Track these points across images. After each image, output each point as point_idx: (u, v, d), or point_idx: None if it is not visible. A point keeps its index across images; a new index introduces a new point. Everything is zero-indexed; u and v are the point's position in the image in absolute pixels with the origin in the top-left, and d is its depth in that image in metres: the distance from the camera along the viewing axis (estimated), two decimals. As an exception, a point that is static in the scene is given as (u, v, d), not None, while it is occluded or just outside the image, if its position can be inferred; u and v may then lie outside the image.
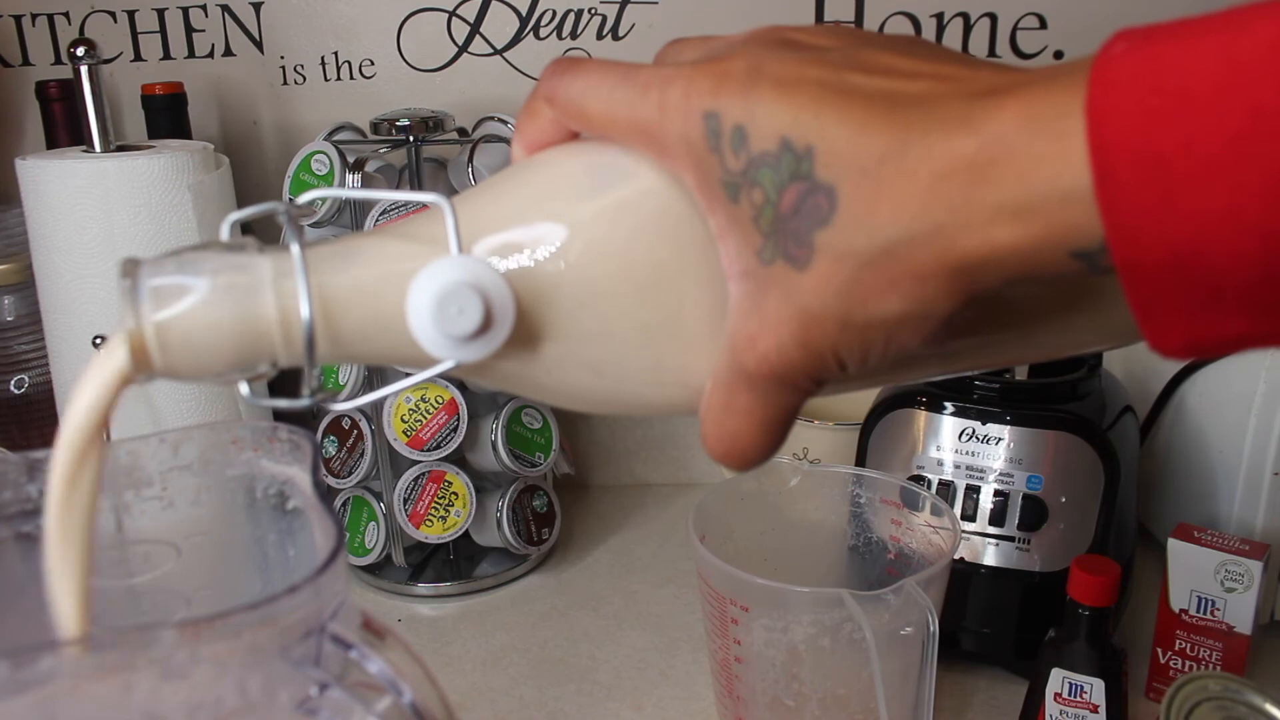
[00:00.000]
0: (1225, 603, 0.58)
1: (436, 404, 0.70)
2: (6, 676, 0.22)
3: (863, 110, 0.24)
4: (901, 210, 0.23)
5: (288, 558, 0.34)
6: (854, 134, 0.24)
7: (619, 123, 0.27)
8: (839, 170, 0.24)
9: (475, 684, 0.64)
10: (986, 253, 0.22)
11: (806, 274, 0.25)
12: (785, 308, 0.25)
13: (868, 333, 0.25)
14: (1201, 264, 0.21)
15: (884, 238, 0.23)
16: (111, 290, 0.64)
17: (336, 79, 0.85)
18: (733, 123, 0.25)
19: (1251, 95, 0.19)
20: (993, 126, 0.22)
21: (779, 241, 0.25)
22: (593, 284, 0.27)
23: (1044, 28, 0.84)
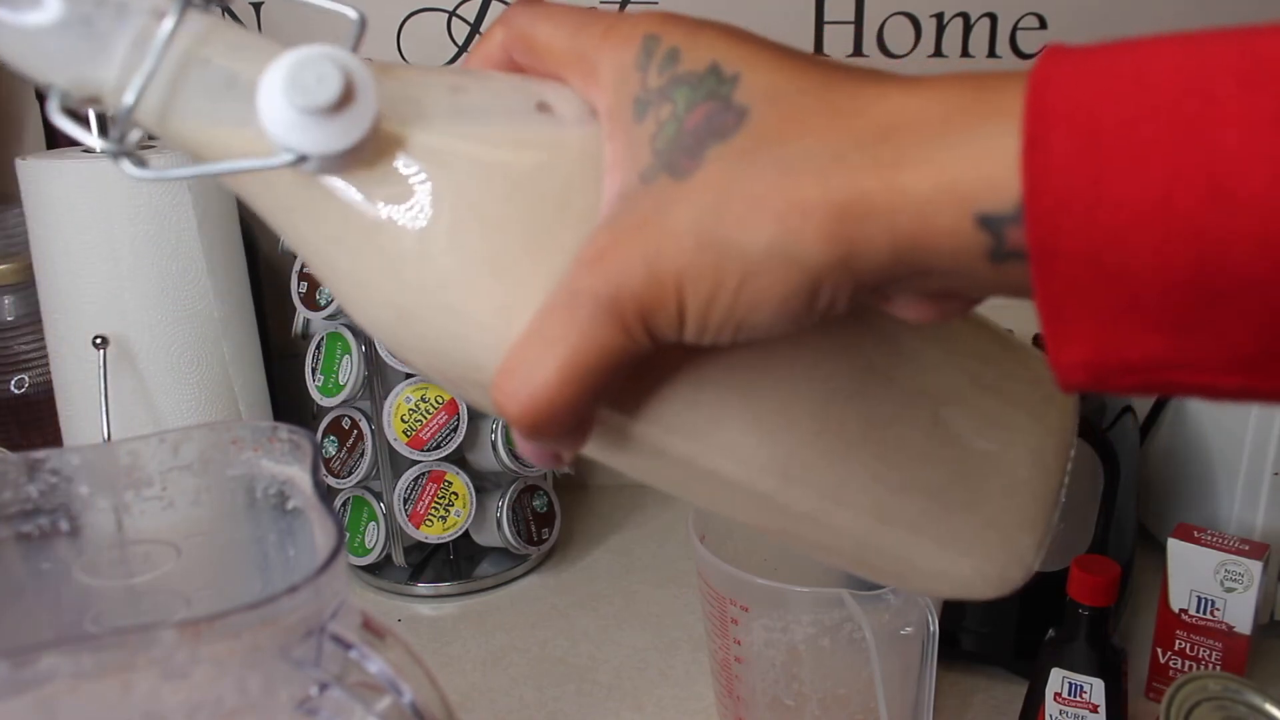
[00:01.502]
0: (1225, 603, 0.58)
1: (436, 404, 0.70)
2: (6, 676, 0.22)
3: (800, 62, 0.24)
4: (806, 133, 0.22)
5: (288, 558, 0.34)
6: (784, 72, 0.23)
7: (555, 51, 0.26)
8: (757, 95, 0.23)
9: (475, 684, 0.64)
10: (882, 198, 0.20)
11: (685, 183, 0.22)
12: (646, 220, 0.23)
13: (724, 263, 0.22)
14: (1123, 261, 0.19)
15: (779, 155, 0.22)
16: (110, 289, 0.65)
17: (336, 79, 0.85)
18: (670, 44, 0.24)
19: (1205, 84, 0.18)
20: (930, 88, 0.21)
21: (668, 158, 0.23)
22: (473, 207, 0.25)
23: (1044, 28, 0.84)
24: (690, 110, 0.23)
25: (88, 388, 0.65)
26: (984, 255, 0.20)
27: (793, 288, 0.22)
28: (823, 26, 0.83)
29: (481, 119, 0.26)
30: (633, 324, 0.23)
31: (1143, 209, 0.19)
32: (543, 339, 0.24)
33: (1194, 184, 0.18)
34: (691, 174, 0.22)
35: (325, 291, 0.70)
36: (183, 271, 0.66)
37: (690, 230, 0.22)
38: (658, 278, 0.22)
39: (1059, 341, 0.20)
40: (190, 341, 0.67)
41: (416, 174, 0.25)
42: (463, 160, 0.25)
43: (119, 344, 0.65)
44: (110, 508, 0.33)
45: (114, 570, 0.33)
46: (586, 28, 0.26)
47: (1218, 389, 0.20)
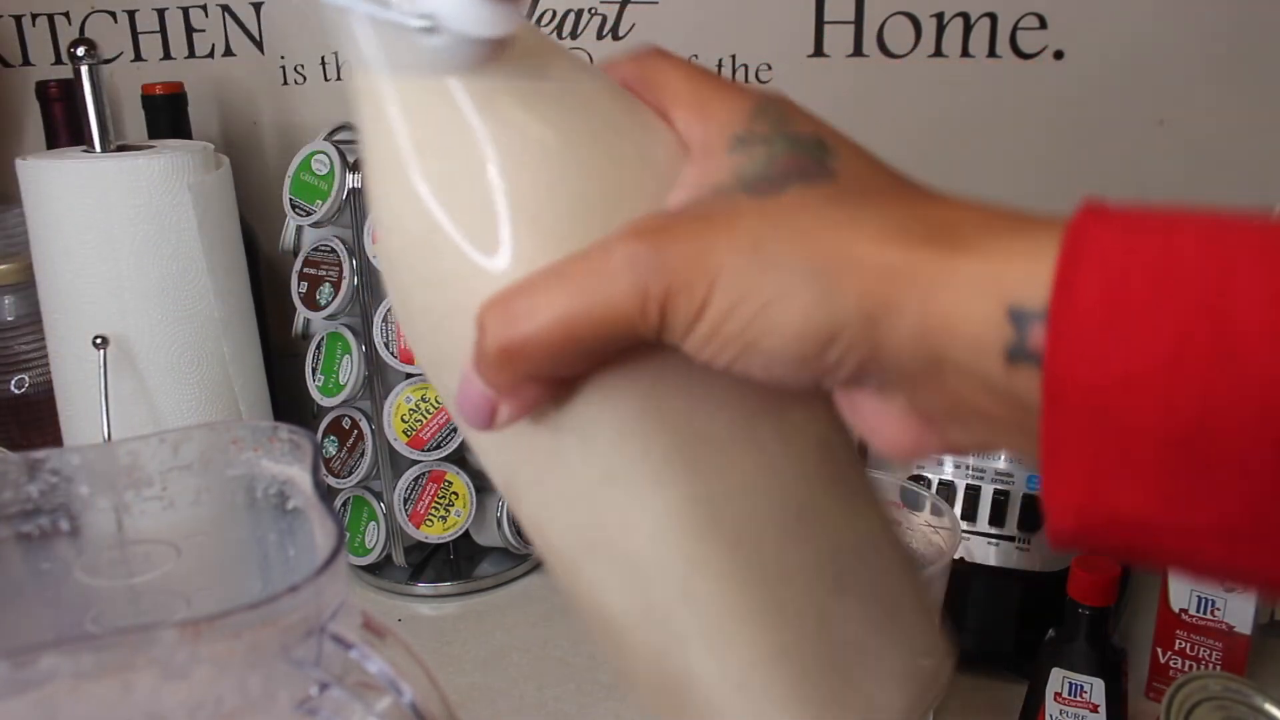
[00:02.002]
0: (1225, 602, 0.58)
1: (437, 404, 0.70)
2: (6, 676, 0.22)
3: (888, 167, 0.27)
4: (881, 204, 0.23)
5: (288, 558, 0.34)
6: (874, 165, 0.26)
7: (677, 91, 0.27)
8: (847, 171, 0.25)
9: (475, 684, 0.64)
10: (929, 270, 0.22)
11: (760, 201, 0.23)
12: (712, 216, 0.23)
13: (764, 277, 0.22)
14: (1126, 409, 0.20)
15: (851, 210, 0.23)
16: (110, 289, 0.64)
17: (337, 79, 0.85)
18: (783, 111, 0.26)
19: (1226, 257, 0.20)
20: (989, 206, 0.24)
21: (750, 182, 0.24)
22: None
23: (1044, 28, 0.84)
24: (785, 156, 0.25)
25: (88, 388, 0.65)
26: (1002, 351, 0.21)
27: (813, 326, 0.22)
28: (823, 26, 0.83)
29: (586, 97, 0.26)
30: (652, 300, 0.23)
31: (1152, 364, 0.19)
32: (562, 276, 0.23)
33: (1204, 348, 0.19)
34: (768, 196, 0.23)
35: (325, 291, 0.70)
36: (183, 271, 0.66)
37: (748, 237, 0.23)
38: (701, 264, 0.22)
39: (1055, 477, 0.21)
40: (190, 341, 0.67)
41: (515, 104, 0.25)
42: (557, 114, 0.25)
43: (119, 344, 0.65)
44: (110, 508, 0.33)
45: (114, 570, 0.33)
46: (712, 80, 0.27)
47: (1201, 559, 0.20)
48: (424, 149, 0.25)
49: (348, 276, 0.70)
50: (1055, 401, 0.20)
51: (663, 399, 0.26)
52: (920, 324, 0.22)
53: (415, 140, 0.25)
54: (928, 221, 0.23)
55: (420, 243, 0.25)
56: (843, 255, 0.22)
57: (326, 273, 0.71)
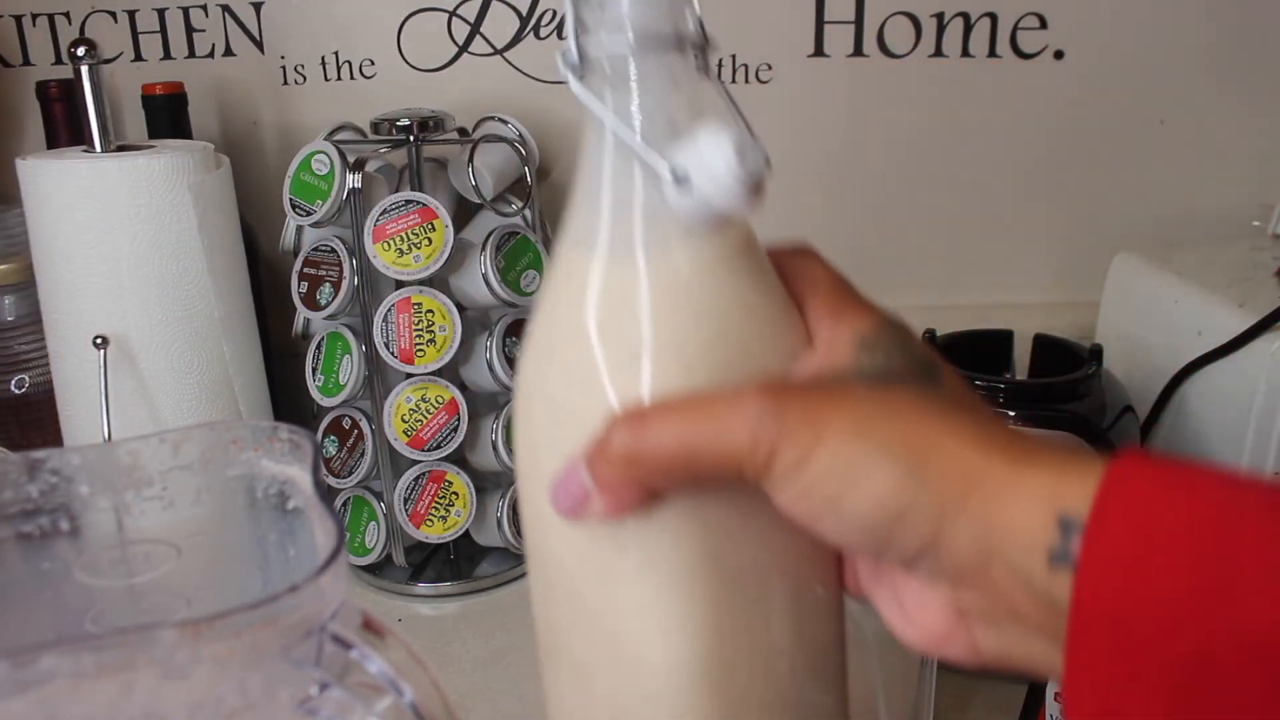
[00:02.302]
0: (1226, 602, 0.58)
1: (437, 404, 0.70)
2: (6, 676, 0.22)
3: (981, 400, 0.30)
4: (974, 419, 0.27)
5: (288, 557, 0.34)
6: (971, 393, 0.30)
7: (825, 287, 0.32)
8: (952, 384, 0.29)
9: (476, 684, 0.64)
10: (1001, 477, 0.25)
11: (872, 391, 0.28)
12: (829, 391, 0.27)
13: (861, 450, 0.26)
14: (1142, 628, 0.23)
15: (948, 415, 0.27)
16: (110, 289, 0.64)
17: (337, 79, 0.85)
18: (907, 336, 0.31)
19: (1238, 508, 0.23)
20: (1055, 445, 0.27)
21: (866, 377, 0.29)
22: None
23: (1044, 27, 0.84)
24: (901, 364, 0.29)
25: (88, 388, 0.65)
26: (1047, 553, 0.25)
27: (891, 500, 0.26)
28: (823, 26, 0.83)
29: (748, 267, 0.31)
30: (764, 445, 0.26)
31: (1164, 596, 0.23)
32: (696, 405, 0.28)
33: (1209, 590, 0.22)
34: (879, 388, 0.28)
35: (325, 291, 0.70)
36: (183, 271, 0.66)
37: (858, 411, 0.27)
38: (812, 425, 0.26)
39: (1075, 679, 0.24)
40: (190, 341, 0.67)
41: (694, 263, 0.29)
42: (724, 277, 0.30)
43: (119, 344, 0.65)
44: (110, 507, 0.33)
45: (114, 570, 0.33)
46: (851, 291, 0.32)
47: None
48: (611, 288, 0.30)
49: (348, 276, 0.70)
50: (1081, 612, 0.24)
51: (725, 554, 0.30)
52: (982, 521, 0.25)
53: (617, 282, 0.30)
54: (1007, 434, 0.27)
55: (576, 339, 0.30)
56: (933, 448, 0.26)
57: (326, 273, 0.71)
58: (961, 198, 0.88)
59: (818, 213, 0.88)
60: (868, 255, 0.89)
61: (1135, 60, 0.85)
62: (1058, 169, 0.88)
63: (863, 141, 0.86)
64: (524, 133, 0.76)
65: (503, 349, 0.72)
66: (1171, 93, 0.86)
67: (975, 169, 0.88)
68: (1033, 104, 0.86)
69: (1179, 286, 0.73)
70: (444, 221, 0.68)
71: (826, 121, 0.86)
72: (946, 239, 0.90)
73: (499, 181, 0.73)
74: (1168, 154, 0.88)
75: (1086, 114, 0.86)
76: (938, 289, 0.91)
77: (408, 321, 0.69)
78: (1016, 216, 0.89)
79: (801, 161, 0.86)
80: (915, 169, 0.87)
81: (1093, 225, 0.89)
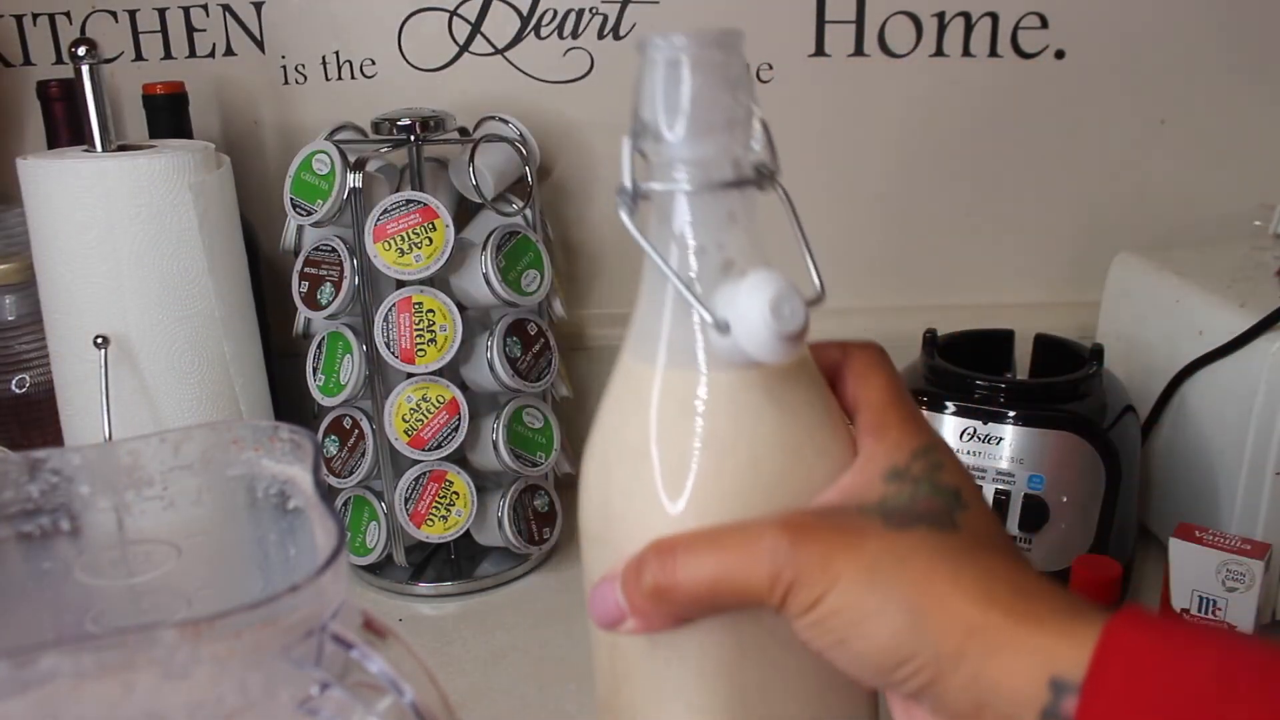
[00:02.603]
0: (1227, 603, 0.58)
1: (438, 403, 0.70)
2: (7, 676, 0.22)
3: (1000, 527, 0.32)
4: (985, 568, 0.28)
5: (289, 557, 0.34)
6: (989, 521, 0.31)
7: (875, 401, 0.34)
8: (971, 527, 0.30)
9: (476, 684, 0.64)
10: (999, 636, 0.27)
11: (890, 533, 0.29)
12: (848, 531, 0.29)
13: (871, 592, 0.28)
14: None
15: (960, 566, 0.28)
16: (111, 289, 0.64)
17: (337, 78, 0.85)
18: (938, 459, 0.32)
19: (1231, 671, 0.24)
20: (1061, 595, 0.28)
21: (892, 512, 0.30)
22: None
23: (1045, 27, 0.83)
24: (925, 499, 0.30)
25: (88, 387, 0.65)
26: (1039, 711, 0.26)
27: (895, 646, 0.28)
28: (824, 26, 0.83)
29: (792, 392, 0.32)
30: (781, 584, 0.29)
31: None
32: (718, 544, 0.30)
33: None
34: (897, 530, 0.29)
35: (326, 291, 0.70)
36: (183, 271, 0.66)
37: (869, 558, 0.28)
38: (825, 569, 0.28)
39: None
40: (191, 341, 0.67)
41: (731, 394, 0.31)
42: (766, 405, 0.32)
43: (119, 344, 0.65)
44: (111, 507, 0.33)
45: (115, 570, 0.33)
46: (901, 406, 0.33)
47: None
48: (661, 407, 0.32)
49: (348, 276, 0.70)
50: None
51: (750, 657, 0.32)
52: (977, 673, 0.27)
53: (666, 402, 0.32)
54: (1012, 586, 0.28)
55: (621, 446, 0.33)
56: (936, 600, 0.28)
57: (327, 272, 0.71)
58: (962, 197, 0.88)
59: (818, 213, 0.87)
60: (868, 255, 0.89)
61: (1135, 60, 0.85)
62: (1058, 169, 0.88)
63: (863, 141, 0.86)
64: (525, 132, 0.76)
65: (503, 349, 0.72)
66: (1171, 93, 0.86)
67: (975, 169, 0.88)
68: (1033, 104, 0.86)
69: (1179, 286, 0.73)
70: (445, 221, 0.68)
71: (826, 121, 0.86)
72: (946, 239, 0.90)
73: (500, 181, 0.73)
74: (1168, 154, 0.88)
75: (1086, 114, 0.86)
76: (938, 289, 0.91)
77: (408, 321, 0.69)
78: (1017, 216, 0.89)
79: (801, 161, 0.86)
80: (915, 169, 0.87)
81: (1093, 225, 0.89)
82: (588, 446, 0.35)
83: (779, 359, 0.30)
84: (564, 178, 0.86)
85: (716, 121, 0.30)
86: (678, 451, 0.31)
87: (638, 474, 0.32)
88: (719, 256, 0.31)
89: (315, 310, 0.71)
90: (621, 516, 0.33)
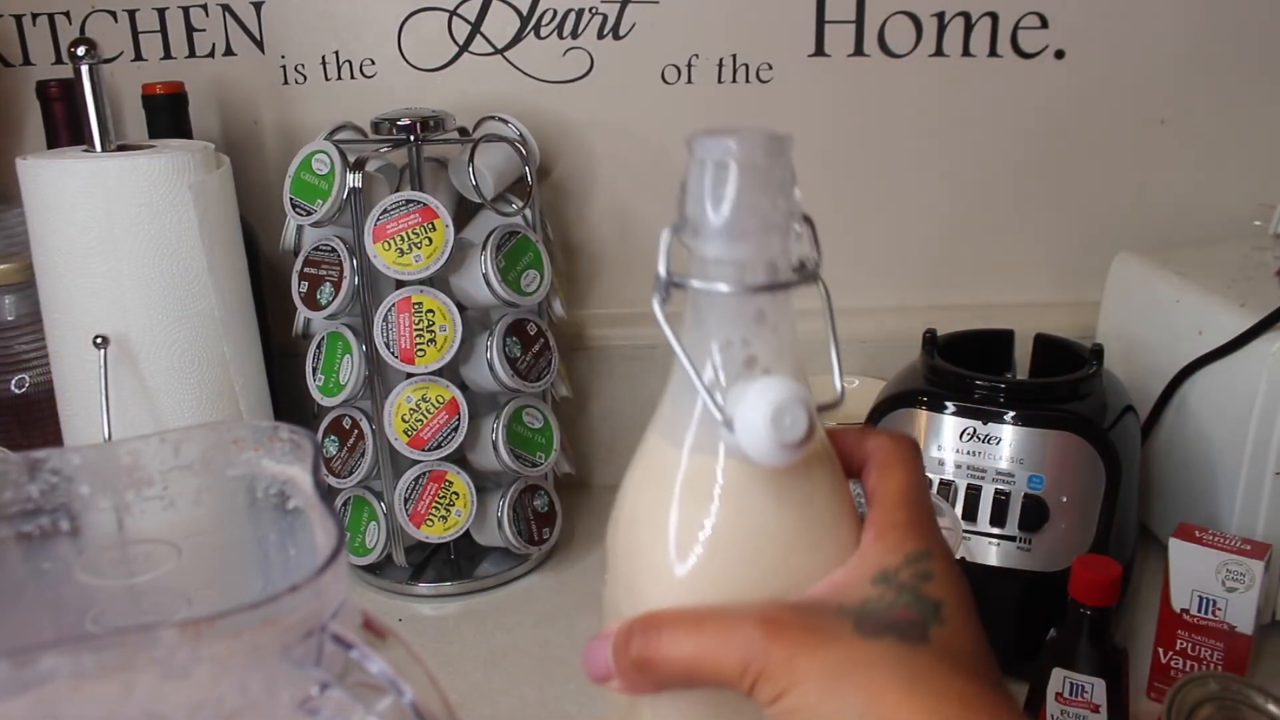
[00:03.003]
0: (1226, 602, 0.58)
1: (437, 403, 0.70)
2: (7, 676, 0.22)
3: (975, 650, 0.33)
4: (936, 689, 0.30)
5: (288, 557, 0.34)
6: (968, 646, 0.32)
7: (891, 497, 0.35)
8: (940, 647, 0.31)
9: (476, 684, 0.64)
10: None
11: (856, 641, 0.30)
12: (820, 633, 0.30)
13: (830, 700, 0.29)
14: None
15: (909, 684, 0.29)
16: (110, 289, 0.64)
17: (337, 78, 0.85)
18: (930, 567, 0.33)
19: None
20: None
21: (866, 616, 0.31)
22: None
23: (1045, 27, 0.83)
24: (902, 608, 0.31)
25: (88, 387, 0.65)
26: None
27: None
28: (823, 26, 0.83)
29: (801, 486, 0.33)
30: (749, 675, 0.30)
31: None
32: (700, 628, 0.31)
33: None
34: (865, 637, 0.30)
35: (326, 291, 0.70)
36: (183, 271, 0.66)
37: (831, 664, 0.30)
38: (789, 669, 0.30)
39: None
40: (191, 341, 0.67)
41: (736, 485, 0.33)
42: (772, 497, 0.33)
43: (119, 344, 0.65)
44: (111, 507, 0.33)
45: (115, 570, 0.33)
46: (910, 510, 0.34)
47: None
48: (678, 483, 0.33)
49: (348, 276, 0.70)
50: None
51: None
52: None
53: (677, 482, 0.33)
54: (963, 708, 0.29)
55: (632, 517, 0.35)
56: (888, 712, 0.29)
57: (327, 272, 0.71)
58: (962, 197, 0.88)
59: (818, 213, 0.87)
60: (869, 255, 0.89)
61: (1135, 60, 0.85)
62: (1058, 169, 0.88)
63: (863, 141, 0.86)
64: (524, 132, 0.76)
65: (503, 349, 0.71)
66: (1171, 93, 0.86)
67: (975, 169, 0.88)
68: (1033, 104, 0.86)
69: (1179, 286, 0.73)
70: (444, 221, 0.68)
71: (827, 121, 0.86)
72: (946, 239, 0.90)
73: (499, 181, 0.73)
74: (1168, 154, 0.88)
75: (1086, 114, 0.86)
76: (938, 289, 0.91)
77: (408, 321, 0.69)
78: (1017, 216, 0.89)
79: (801, 161, 0.86)
80: (915, 168, 0.87)
81: (1093, 225, 0.89)
82: (619, 492, 0.37)
83: (776, 464, 0.31)
84: (564, 178, 0.86)
85: (753, 226, 0.31)
86: (687, 528, 0.33)
87: (642, 546, 0.34)
88: (743, 353, 0.32)
89: (315, 310, 0.71)
90: (631, 571, 0.35)
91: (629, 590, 0.34)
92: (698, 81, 0.84)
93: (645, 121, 0.85)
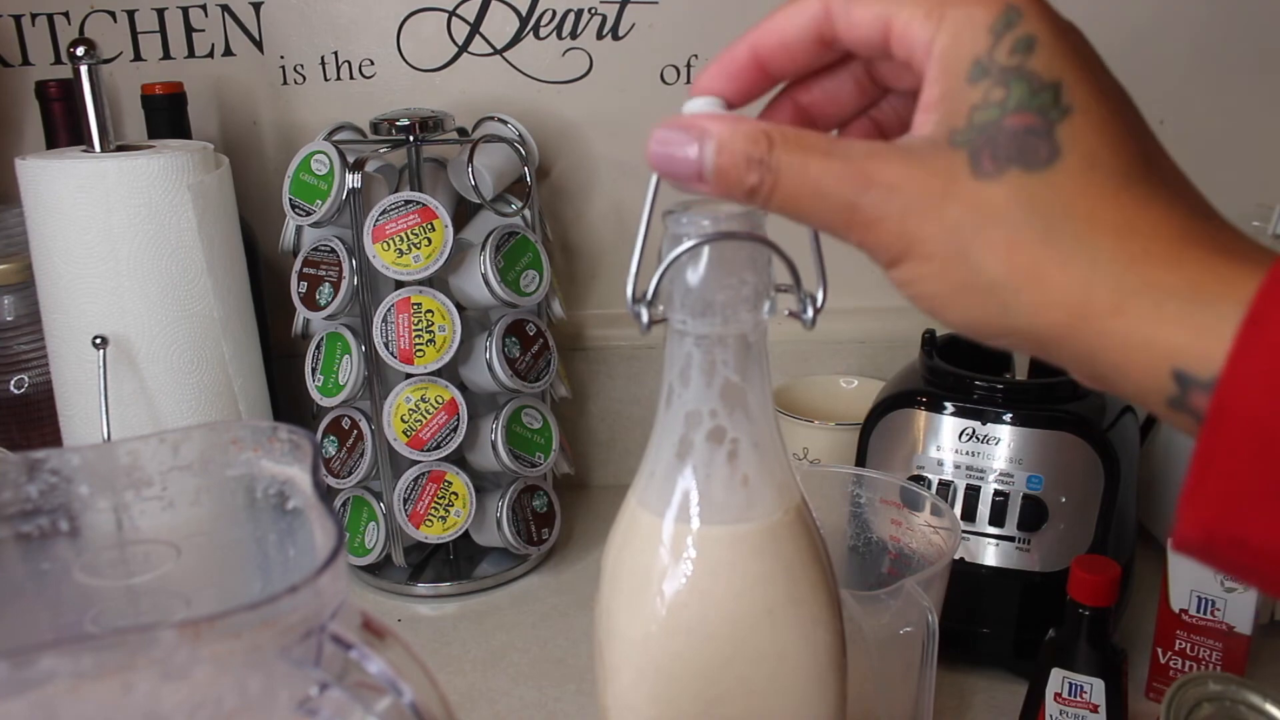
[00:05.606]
0: (1225, 603, 0.58)
1: (436, 404, 0.70)
2: (6, 677, 0.22)
3: (1123, 131, 0.25)
4: (1086, 225, 0.23)
5: (288, 558, 0.34)
6: (1107, 135, 0.25)
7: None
8: (1074, 148, 0.24)
9: (475, 684, 0.64)
10: (1108, 323, 0.23)
11: (975, 184, 0.24)
12: (929, 190, 0.25)
13: (954, 263, 0.24)
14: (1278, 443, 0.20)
15: (1055, 228, 0.24)
16: (110, 289, 0.64)
17: (336, 79, 0.85)
18: (1028, 31, 0.25)
19: None
20: (1199, 244, 0.23)
21: (978, 142, 0.25)
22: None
23: (1044, 28, 0.84)
24: (1017, 111, 0.24)
25: (88, 388, 0.65)
26: (1165, 400, 0.23)
27: (984, 325, 0.25)
28: (823, 26, 0.83)
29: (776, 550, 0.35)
30: (857, 225, 0.26)
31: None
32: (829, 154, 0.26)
33: None
34: (985, 179, 0.24)
35: (325, 291, 0.70)
36: (183, 271, 0.66)
37: (951, 225, 0.24)
38: (902, 231, 0.25)
39: (1193, 495, 0.22)
40: (190, 341, 0.67)
41: (708, 549, 0.34)
42: (744, 568, 0.34)
43: (119, 344, 0.65)
44: (110, 508, 0.33)
45: (114, 570, 0.33)
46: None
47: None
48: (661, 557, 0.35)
49: (347, 276, 0.70)
50: (1212, 434, 0.21)
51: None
52: (1088, 355, 0.24)
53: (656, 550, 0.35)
54: (1120, 249, 0.23)
55: (613, 574, 0.37)
56: (1031, 274, 0.23)
57: (326, 273, 0.71)
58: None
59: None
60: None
61: (1135, 60, 0.85)
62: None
63: (862, 141, 0.86)
64: (524, 133, 0.76)
65: (502, 349, 0.72)
66: (1171, 93, 0.86)
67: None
68: (1032, 104, 0.86)
69: (1178, 287, 0.73)
70: (443, 221, 0.68)
71: (826, 121, 0.86)
72: (946, 239, 0.90)
73: (499, 181, 0.73)
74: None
75: (1086, 114, 0.86)
76: (937, 289, 0.91)
77: (407, 321, 0.69)
78: (1016, 216, 0.89)
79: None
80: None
81: (1092, 225, 0.89)
82: (606, 545, 0.39)
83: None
84: (563, 178, 0.86)
85: (717, 301, 0.32)
86: (662, 592, 0.34)
87: (620, 603, 0.36)
88: (710, 424, 0.33)
89: (314, 310, 0.71)
90: (609, 612, 0.36)
91: (610, 650, 0.36)
92: (697, 82, 0.84)
93: (644, 122, 0.85)
